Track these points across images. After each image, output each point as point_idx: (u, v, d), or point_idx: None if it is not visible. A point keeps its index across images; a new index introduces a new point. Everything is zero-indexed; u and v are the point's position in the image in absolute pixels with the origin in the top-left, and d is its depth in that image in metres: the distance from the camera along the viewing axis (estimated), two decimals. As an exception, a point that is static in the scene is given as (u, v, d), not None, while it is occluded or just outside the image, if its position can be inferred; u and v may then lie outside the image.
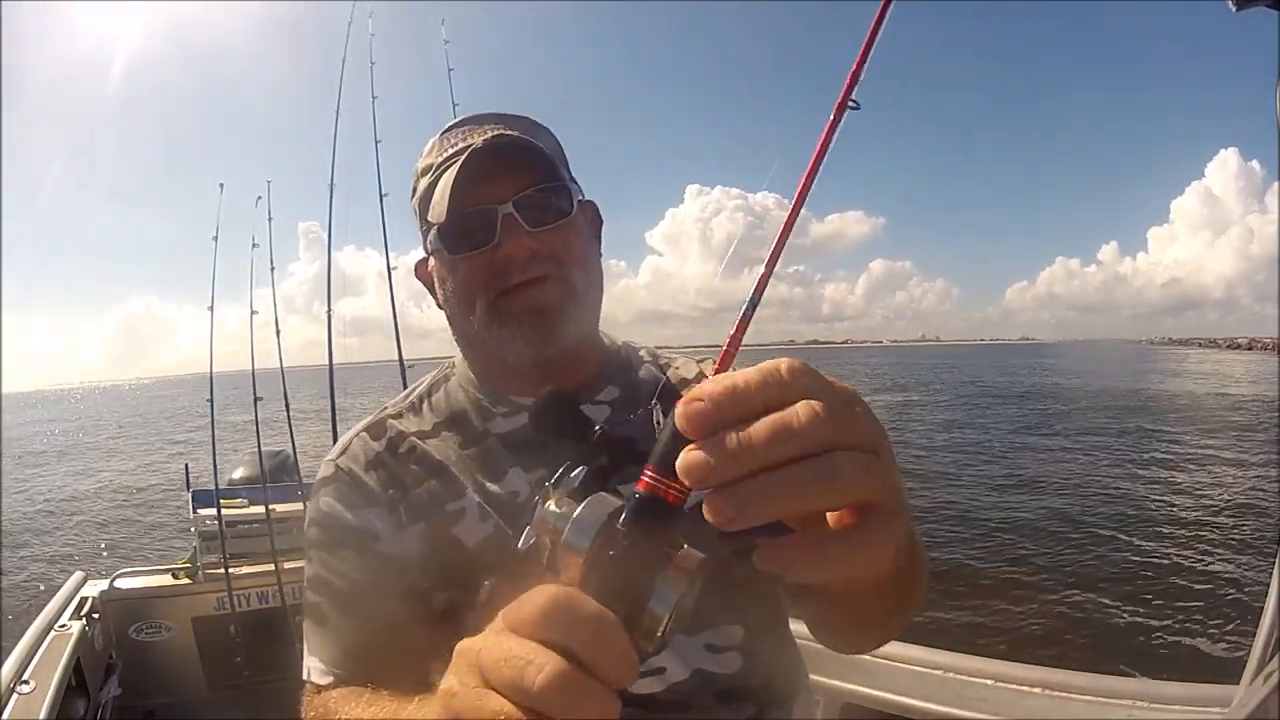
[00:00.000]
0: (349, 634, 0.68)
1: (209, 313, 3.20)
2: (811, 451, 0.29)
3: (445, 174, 0.71)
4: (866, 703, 1.52)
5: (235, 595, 2.79)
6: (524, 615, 0.32)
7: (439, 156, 0.75)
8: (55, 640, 2.19)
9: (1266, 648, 1.00)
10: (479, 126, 0.75)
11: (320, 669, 0.67)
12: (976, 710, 1.43)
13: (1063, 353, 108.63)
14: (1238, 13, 0.61)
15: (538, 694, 0.30)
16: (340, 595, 0.69)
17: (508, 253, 0.69)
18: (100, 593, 2.67)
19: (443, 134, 0.77)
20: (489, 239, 0.69)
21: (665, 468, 0.31)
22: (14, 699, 1.80)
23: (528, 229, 0.69)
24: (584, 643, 0.30)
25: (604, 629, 0.31)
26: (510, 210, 0.69)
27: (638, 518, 0.32)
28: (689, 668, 0.70)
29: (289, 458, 3.45)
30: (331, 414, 2.89)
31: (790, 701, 0.76)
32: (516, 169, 0.70)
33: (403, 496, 0.72)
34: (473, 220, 0.70)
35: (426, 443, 0.76)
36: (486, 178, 0.69)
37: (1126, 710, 1.36)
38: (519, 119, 0.77)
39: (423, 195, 0.75)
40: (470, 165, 0.68)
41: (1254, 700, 0.97)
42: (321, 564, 0.71)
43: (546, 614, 0.31)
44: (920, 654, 1.59)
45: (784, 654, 0.78)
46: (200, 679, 2.87)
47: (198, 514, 2.96)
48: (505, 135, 0.70)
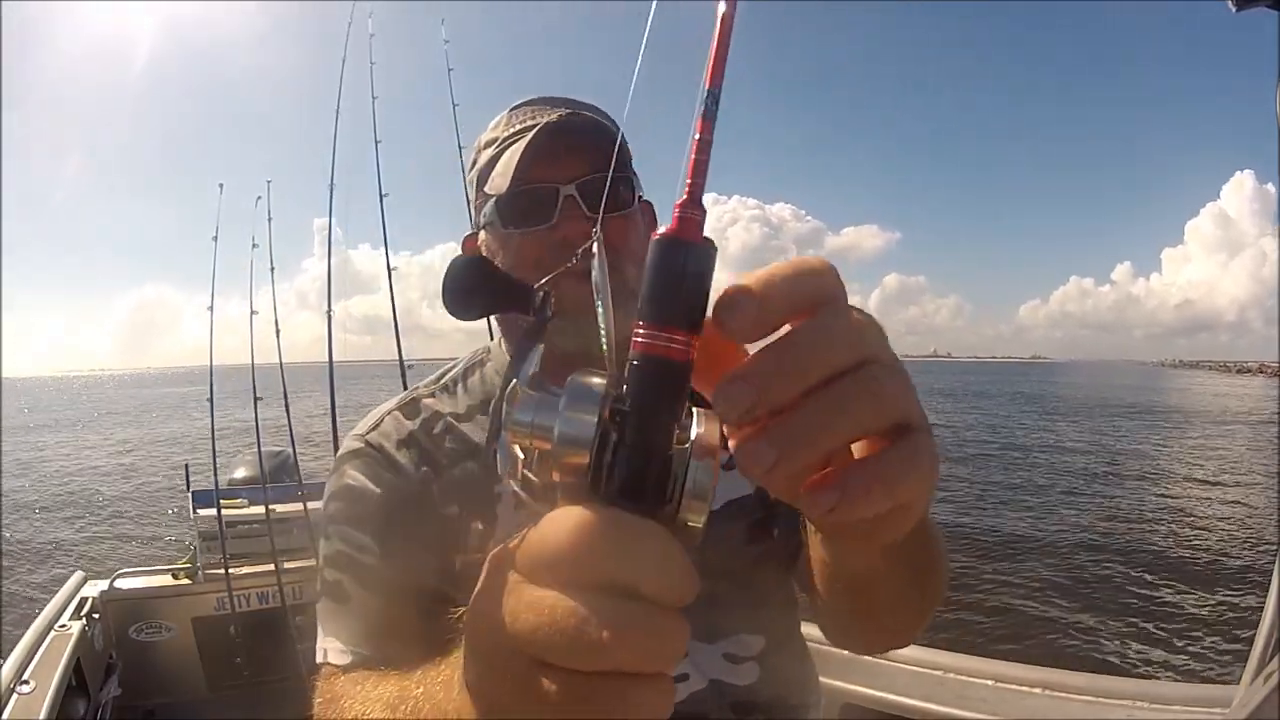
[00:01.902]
0: (373, 612, 0.65)
1: (209, 313, 3.20)
2: (853, 364, 0.25)
3: (511, 148, 0.69)
4: (867, 703, 1.52)
5: (235, 595, 2.79)
6: (549, 556, 0.25)
7: (506, 131, 0.73)
8: (55, 640, 2.19)
9: (1266, 648, 1.00)
10: (550, 106, 0.73)
11: (339, 649, 0.64)
12: (977, 711, 1.43)
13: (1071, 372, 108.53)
14: (1238, 13, 0.61)
15: (611, 650, 0.23)
16: (365, 571, 0.66)
17: (564, 234, 0.67)
18: (100, 593, 2.67)
19: (511, 110, 0.75)
20: (547, 218, 0.68)
21: (663, 320, 0.24)
22: (14, 699, 1.80)
23: (587, 213, 0.67)
24: (646, 570, 0.24)
25: (657, 545, 0.24)
26: (572, 192, 0.67)
27: (644, 388, 0.24)
28: (705, 677, 0.68)
29: (289, 458, 3.44)
30: (332, 413, 2.89)
31: (803, 715, 0.74)
32: (583, 152, 0.68)
33: (436, 476, 0.70)
34: (533, 196, 0.68)
35: (461, 425, 0.73)
36: (552, 156, 0.67)
37: (1126, 710, 1.37)
38: (591, 106, 0.76)
39: (483, 168, 0.73)
40: (539, 141, 0.66)
41: (1254, 700, 0.97)
42: (344, 539, 0.68)
43: (580, 547, 0.24)
44: (920, 654, 1.59)
45: (800, 665, 0.77)
46: (200, 679, 2.87)
47: (198, 514, 2.96)
48: (578, 115, 0.69)
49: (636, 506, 0.25)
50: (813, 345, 0.25)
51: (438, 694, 0.40)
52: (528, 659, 0.25)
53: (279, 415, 3.12)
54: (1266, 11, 0.62)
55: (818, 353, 0.25)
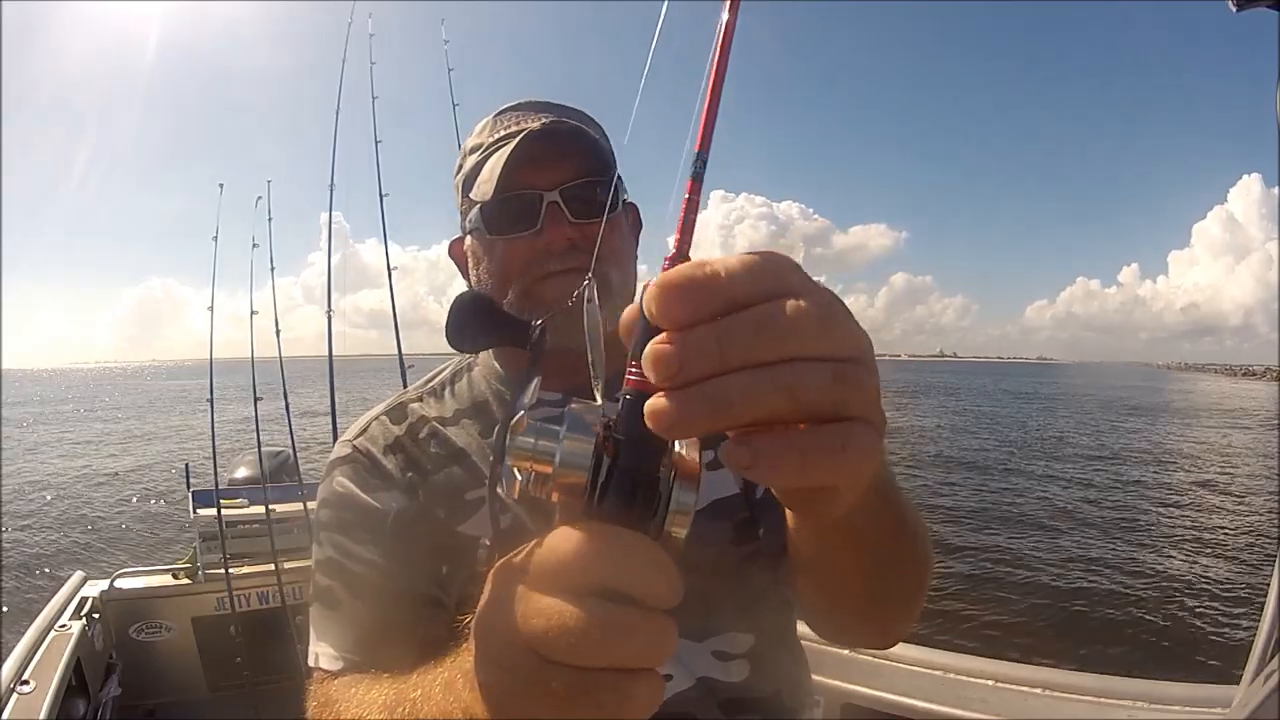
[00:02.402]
0: (363, 618, 0.66)
1: (209, 313, 3.20)
2: (793, 355, 0.26)
3: (496, 154, 0.70)
4: (867, 703, 1.52)
5: (235, 595, 2.78)
6: (553, 567, 0.29)
7: (490, 137, 0.74)
8: (55, 640, 2.19)
9: (1266, 648, 1.00)
10: (535, 112, 0.74)
11: (330, 655, 0.65)
12: (977, 711, 1.43)
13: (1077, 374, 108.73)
14: (1238, 13, 0.61)
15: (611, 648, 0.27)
16: (355, 578, 0.67)
17: (548, 240, 0.68)
18: (100, 593, 2.67)
19: (496, 115, 0.76)
20: (531, 224, 0.69)
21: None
22: (14, 699, 1.80)
23: (571, 219, 0.69)
24: (637, 578, 0.28)
25: (647, 555, 0.28)
26: (556, 198, 0.68)
27: (634, 420, 0.27)
28: (693, 675, 0.68)
29: (289, 458, 3.45)
30: (332, 411, 2.89)
31: (798, 715, 0.74)
32: (568, 158, 0.69)
33: (422, 481, 0.71)
34: (517, 203, 0.69)
35: (447, 429, 0.74)
36: (537, 163, 0.68)
37: (1127, 711, 1.37)
38: (575, 110, 0.77)
39: (469, 173, 0.74)
40: (523, 147, 0.67)
41: (1254, 700, 0.97)
42: (334, 546, 0.69)
43: (585, 558, 0.28)
44: (921, 655, 1.59)
45: (793, 665, 0.76)
46: (200, 679, 2.87)
47: (198, 514, 2.96)
48: (563, 123, 0.70)
49: (627, 522, 0.29)
50: (750, 334, 0.26)
51: (437, 694, 0.42)
52: (537, 658, 0.29)
53: (277, 410, 3.12)
54: (1266, 11, 0.62)
55: (751, 346, 0.26)
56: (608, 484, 0.29)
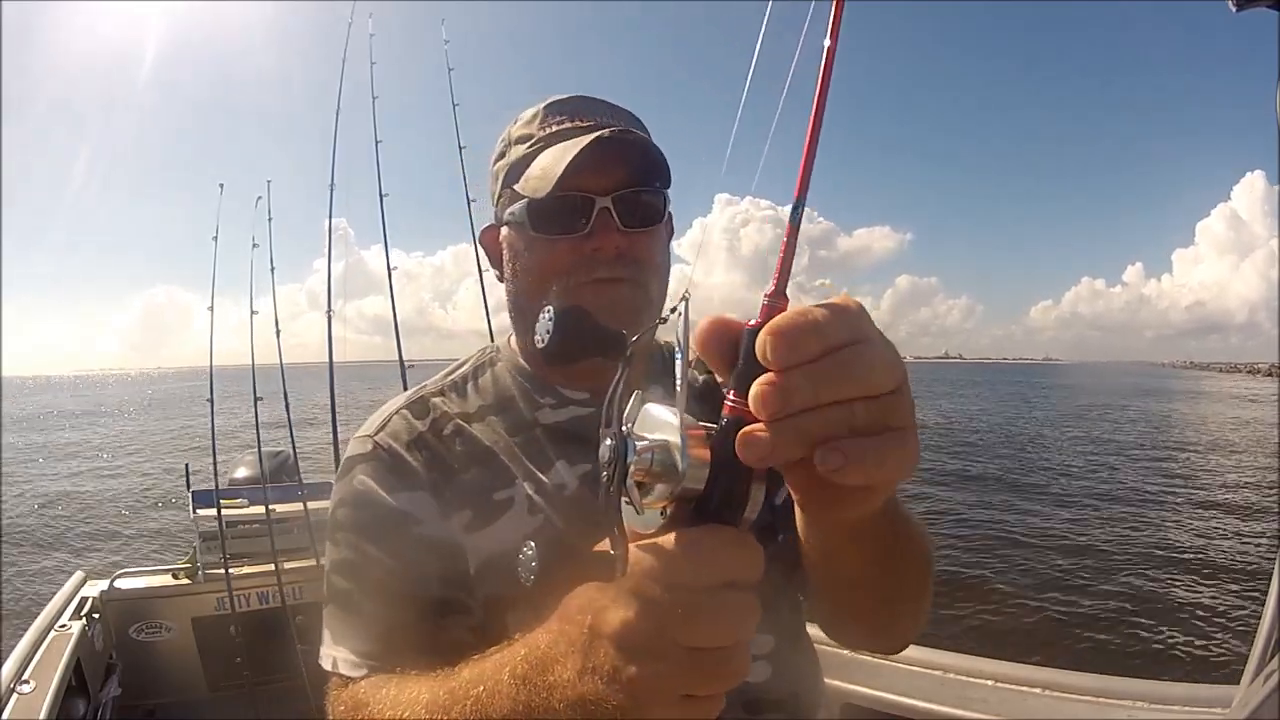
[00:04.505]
0: (385, 624, 0.64)
1: (209, 313, 3.20)
2: (865, 394, 0.32)
3: (552, 150, 0.70)
4: (868, 703, 1.52)
5: (235, 595, 2.78)
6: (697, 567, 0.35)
7: (541, 130, 0.73)
8: (55, 640, 2.19)
9: (1266, 648, 1.00)
10: (588, 109, 0.74)
11: (351, 660, 0.63)
12: (978, 711, 1.43)
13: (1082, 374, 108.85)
14: (1238, 13, 0.61)
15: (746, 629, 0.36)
16: (375, 582, 0.65)
17: (597, 246, 0.68)
18: (100, 593, 2.67)
19: (546, 106, 0.75)
20: (581, 227, 0.68)
21: (745, 391, 0.33)
22: (14, 699, 1.80)
23: (621, 227, 0.68)
24: (750, 571, 0.36)
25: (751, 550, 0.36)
26: (608, 205, 0.68)
27: (730, 442, 0.33)
28: None
29: (289, 458, 3.44)
30: (332, 414, 2.89)
31: (815, 713, 0.74)
32: (624, 165, 0.69)
33: (447, 480, 0.69)
34: (568, 204, 0.68)
35: (472, 426, 0.73)
36: (595, 166, 0.67)
37: (1127, 711, 1.36)
38: (626, 113, 0.76)
39: (515, 163, 0.73)
40: (592, 152, 0.66)
41: (1254, 700, 0.97)
42: (353, 548, 0.67)
43: (721, 559, 0.35)
44: (922, 655, 1.59)
45: (809, 666, 0.76)
46: (200, 679, 2.87)
47: (198, 514, 2.96)
48: (630, 132, 0.69)
49: (732, 522, 0.36)
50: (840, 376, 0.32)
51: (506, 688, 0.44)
52: (682, 646, 0.35)
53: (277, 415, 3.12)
54: (1266, 11, 0.62)
55: (839, 385, 0.32)
56: (712, 493, 0.35)
